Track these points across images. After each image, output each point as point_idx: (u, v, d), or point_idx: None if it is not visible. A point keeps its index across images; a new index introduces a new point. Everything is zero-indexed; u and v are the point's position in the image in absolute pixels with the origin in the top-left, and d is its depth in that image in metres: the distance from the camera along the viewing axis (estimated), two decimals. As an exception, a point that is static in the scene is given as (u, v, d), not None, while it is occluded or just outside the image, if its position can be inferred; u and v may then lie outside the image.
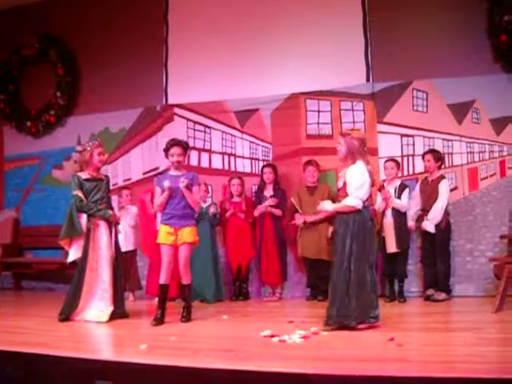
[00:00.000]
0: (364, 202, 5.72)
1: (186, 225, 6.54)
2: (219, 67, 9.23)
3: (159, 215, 7.04)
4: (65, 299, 6.76)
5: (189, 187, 6.52)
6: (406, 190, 7.79)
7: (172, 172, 6.70)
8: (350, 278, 5.63)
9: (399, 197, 7.73)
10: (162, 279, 6.55)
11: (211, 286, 8.28)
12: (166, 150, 6.64)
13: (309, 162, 8.35)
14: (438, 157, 7.77)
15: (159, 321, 6.39)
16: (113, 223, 7.03)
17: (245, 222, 8.55)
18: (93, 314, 6.74)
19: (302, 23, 8.83)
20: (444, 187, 7.60)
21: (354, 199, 5.66)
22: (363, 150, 5.82)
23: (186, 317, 6.57)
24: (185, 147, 6.71)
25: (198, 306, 7.82)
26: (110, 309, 6.77)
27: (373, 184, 5.95)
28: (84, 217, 6.88)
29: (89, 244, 6.82)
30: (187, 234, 6.54)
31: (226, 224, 8.64)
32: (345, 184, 5.77)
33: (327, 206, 6.00)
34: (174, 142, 6.66)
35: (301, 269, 8.52)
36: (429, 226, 7.54)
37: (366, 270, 5.64)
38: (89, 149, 6.95)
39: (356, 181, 5.68)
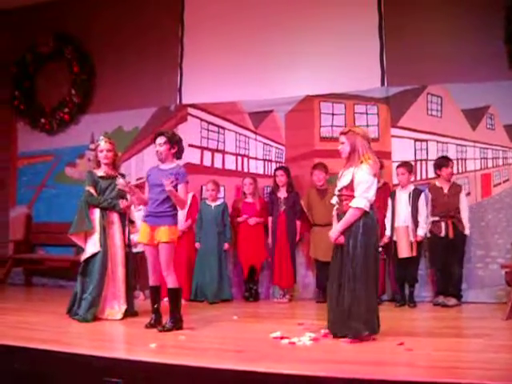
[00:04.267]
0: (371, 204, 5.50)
1: (161, 223, 6.10)
2: (234, 68, 9.24)
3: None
4: (85, 298, 6.69)
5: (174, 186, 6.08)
6: (423, 197, 7.80)
7: (161, 165, 6.30)
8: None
9: (413, 203, 7.74)
10: (150, 281, 6.35)
11: (214, 285, 8.27)
12: (153, 140, 6.35)
13: (315, 166, 8.35)
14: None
15: (153, 325, 6.15)
16: (125, 217, 7.04)
17: (258, 223, 8.57)
18: (107, 312, 6.78)
19: (317, 26, 8.83)
20: (465, 196, 7.82)
21: (362, 200, 5.40)
22: (368, 145, 5.58)
23: (167, 326, 6.03)
24: (168, 137, 6.24)
25: (207, 306, 7.87)
26: (124, 307, 6.82)
27: (378, 181, 5.73)
28: (97, 213, 6.89)
29: (107, 242, 6.81)
30: (162, 233, 6.08)
31: (238, 225, 8.65)
32: (351, 182, 5.48)
33: (334, 232, 5.66)
34: (157, 133, 6.38)
35: (312, 270, 8.51)
36: (467, 230, 7.67)
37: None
38: (94, 148, 7.04)
39: (366, 181, 5.42)
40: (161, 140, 6.24)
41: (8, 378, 4.92)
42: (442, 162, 7.87)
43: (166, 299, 6.96)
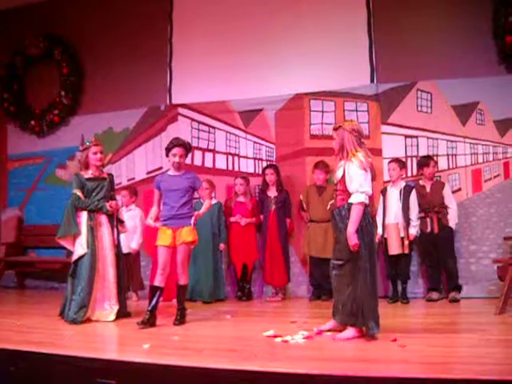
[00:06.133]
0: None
1: (184, 224, 6.39)
2: (223, 67, 9.21)
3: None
4: (74, 300, 6.65)
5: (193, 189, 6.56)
6: (414, 193, 7.80)
7: (171, 172, 6.57)
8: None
9: (405, 200, 7.74)
10: (157, 281, 6.36)
11: (209, 284, 8.25)
12: (169, 149, 6.51)
13: (316, 165, 8.36)
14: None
15: (145, 324, 6.17)
16: (113, 218, 7.03)
17: (249, 223, 8.56)
18: (98, 314, 6.75)
19: (306, 23, 8.82)
20: (450, 191, 7.85)
21: (360, 195, 5.30)
22: (358, 140, 5.50)
23: (180, 320, 6.38)
24: (188, 149, 6.59)
25: (200, 306, 7.85)
26: (116, 308, 6.78)
27: (374, 178, 5.59)
28: (84, 215, 6.87)
29: (95, 243, 6.80)
30: (186, 233, 6.38)
31: (230, 224, 8.62)
32: (343, 176, 5.43)
33: (350, 238, 5.28)
34: (178, 143, 6.52)
35: (305, 268, 8.50)
36: (452, 223, 7.72)
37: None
38: (82, 149, 7.03)
39: (359, 174, 5.33)
40: (182, 152, 6.52)
41: (3, 382, 4.91)
42: (424, 162, 7.96)
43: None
